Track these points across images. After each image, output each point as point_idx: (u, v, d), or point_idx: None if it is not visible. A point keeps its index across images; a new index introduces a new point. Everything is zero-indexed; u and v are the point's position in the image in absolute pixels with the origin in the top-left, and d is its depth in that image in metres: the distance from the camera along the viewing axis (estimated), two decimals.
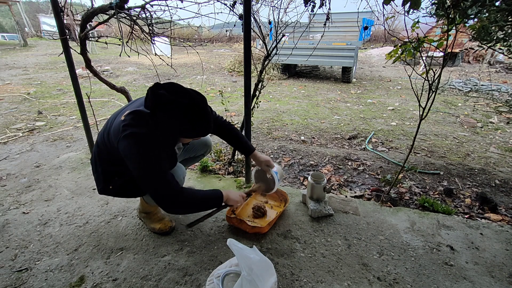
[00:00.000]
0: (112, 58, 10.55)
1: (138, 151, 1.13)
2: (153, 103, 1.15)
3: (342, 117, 4.37)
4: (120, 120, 1.19)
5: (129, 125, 1.15)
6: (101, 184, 1.41)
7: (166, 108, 1.14)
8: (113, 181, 1.38)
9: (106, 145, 1.30)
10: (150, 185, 1.16)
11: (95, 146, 1.42)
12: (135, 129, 1.14)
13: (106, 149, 1.31)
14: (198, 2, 2.00)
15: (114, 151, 1.24)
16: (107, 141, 1.28)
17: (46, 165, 2.49)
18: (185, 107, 1.14)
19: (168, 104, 1.13)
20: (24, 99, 4.88)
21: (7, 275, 1.35)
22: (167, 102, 1.13)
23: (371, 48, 14.35)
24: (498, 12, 1.49)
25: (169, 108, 1.13)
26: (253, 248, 1.20)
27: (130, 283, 1.31)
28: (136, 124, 1.15)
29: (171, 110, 1.14)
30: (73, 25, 2.67)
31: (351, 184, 2.33)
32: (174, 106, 1.13)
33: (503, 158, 2.92)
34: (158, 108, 1.15)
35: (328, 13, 2.01)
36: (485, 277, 1.35)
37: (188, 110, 1.14)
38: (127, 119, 1.17)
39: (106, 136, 1.29)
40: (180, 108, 1.13)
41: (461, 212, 1.93)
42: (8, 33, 17.52)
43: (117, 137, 1.17)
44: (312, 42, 7.02)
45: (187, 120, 1.16)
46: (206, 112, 1.20)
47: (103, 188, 1.41)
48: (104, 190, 1.41)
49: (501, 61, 9.31)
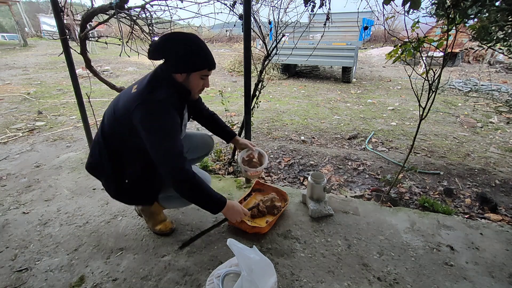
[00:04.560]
0: (112, 58, 10.55)
1: (155, 120, 1.15)
2: (156, 47, 1.19)
3: (342, 117, 4.37)
4: (133, 93, 1.21)
5: (148, 92, 1.17)
6: (113, 185, 1.36)
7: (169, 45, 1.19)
8: (126, 175, 1.34)
9: (114, 128, 1.28)
10: (165, 155, 1.16)
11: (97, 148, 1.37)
12: (154, 97, 1.16)
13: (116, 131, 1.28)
14: (198, 2, 2.00)
15: (125, 128, 1.23)
16: (117, 119, 1.25)
17: (46, 165, 2.49)
18: (185, 38, 1.20)
19: (169, 41, 1.19)
20: (24, 99, 4.88)
21: (7, 275, 1.35)
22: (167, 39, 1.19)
23: (371, 48, 14.35)
24: (498, 12, 1.49)
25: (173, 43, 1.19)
26: (253, 248, 1.20)
27: (130, 283, 1.31)
28: (154, 90, 1.18)
29: (175, 44, 1.19)
30: (73, 25, 2.67)
31: (351, 184, 2.33)
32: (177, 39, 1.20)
33: (503, 158, 2.92)
34: (161, 49, 1.19)
35: (328, 13, 2.01)
36: (485, 277, 1.34)
37: (188, 40, 1.20)
38: (144, 88, 1.19)
39: (114, 116, 1.27)
40: (181, 40, 1.19)
41: (461, 212, 1.93)
42: (8, 33, 17.48)
43: (133, 108, 1.16)
44: (312, 42, 7.02)
45: (190, 49, 1.19)
46: (203, 43, 1.24)
47: (116, 189, 1.37)
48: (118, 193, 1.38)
49: (501, 61, 9.31)
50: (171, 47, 1.19)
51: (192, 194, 1.24)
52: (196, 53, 1.20)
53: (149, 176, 1.37)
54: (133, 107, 1.16)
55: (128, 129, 1.22)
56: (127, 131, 1.24)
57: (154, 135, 1.16)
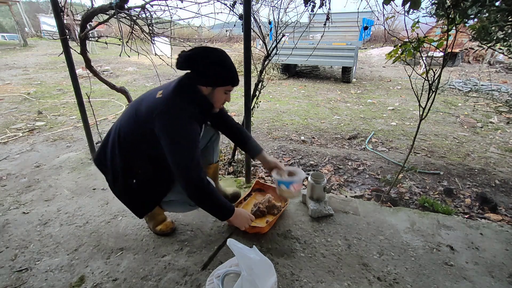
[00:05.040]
0: (112, 58, 10.55)
1: (178, 129, 1.19)
2: (186, 59, 1.22)
3: (342, 117, 4.37)
4: (158, 98, 1.23)
5: (172, 101, 1.21)
6: (120, 183, 1.36)
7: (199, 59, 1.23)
8: (136, 175, 1.35)
9: (133, 129, 1.29)
10: (184, 164, 1.19)
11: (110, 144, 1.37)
12: (178, 106, 1.20)
13: (134, 132, 1.29)
14: (198, 2, 2.00)
15: (143, 131, 1.25)
16: (138, 121, 1.27)
17: (46, 165, 2.49)
18: (215, 53, 1.24)
19: (199, 55, 1.23)
20: (24, 99, 4.88)
21: (7, 275, 1.35)
22: (198, 53, 1.23)
23: (371, 48, 14.35)
24: (498, 12, 1.49)
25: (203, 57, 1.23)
26: (253, 248, 1.20)
27: (130, 283, 1.31)
28: (178, 99, 1.22)
29: (205, 58, 1.23)
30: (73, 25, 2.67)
31: (351, 184, 2.33)
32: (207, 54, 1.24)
33: (503, 158, 2.92)
34: (191, 61, 1.23)
35: (328, 13, 2.01)
36: (485, 277, 1.35)
37: (217, 57, 1.25)
38: (169, 95, 1.22)
39: (135, 117, 1.29)
40: (211, 55, 1.24)
41: (461, 212, 1.93)
42: (8, 33, 17.48)
43: (155, 114, 1.19)
44: (312, 42, 7.02)
45: (218, 65, 1.24)
46: (231, 60, 1.29)
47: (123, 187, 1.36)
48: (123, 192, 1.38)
49: (501, 61, 9.31)
50: (201, 61, 1.23)
51: (203, 201, 1.29)
52: (224, 69, 1.26)
53: (158, 180, 1.39)
54: (156, 112, 1.20)
55: (147, 132, 1.25)
56: (145, 134, 1.26)
57: (174, 143, 1.20)
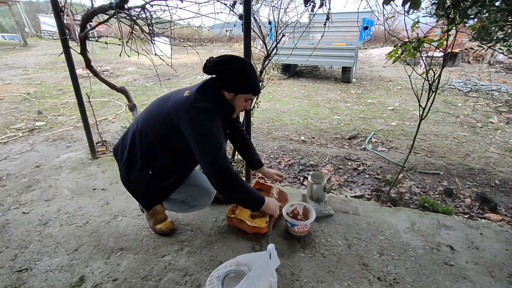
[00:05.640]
0: (112, 58, 10.55)
1: (206, 122, 1.24)
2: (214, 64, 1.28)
3: (342, 117, 4.37)
4: (185, 96, 1.29)
5: (198, 99, 1.26)
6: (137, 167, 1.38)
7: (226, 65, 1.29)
8: (152, 167, 1.39)
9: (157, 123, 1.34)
10: (214, 157, 1.23)
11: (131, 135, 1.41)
12: (204, 104, 1.25)
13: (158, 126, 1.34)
14: (198, 2, 1.99)
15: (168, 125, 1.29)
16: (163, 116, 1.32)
17: (46, 165, 2.49)
18: (240, 63, 1.31)
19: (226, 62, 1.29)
20: (24, 99, 4.88)
21: (7, 275, 1.35)
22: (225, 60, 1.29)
23: (371, 48, 14.34)
24: (498, 12, 1.49)
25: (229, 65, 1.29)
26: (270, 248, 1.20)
27: (130, 283, 1.31)
28: (204, 98, 1.27)
29: (232, 66, 1.29)
30: (73, 25, 2.67)
31: (351, 184, 2.33)
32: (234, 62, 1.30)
33: (503, 158, 2.92)
34: (218, 67, 1.29)
35: (328, 13, 2.01)
36: (485, 277, 1.35)
37: (242, 66, 1.31)
38: (195, 94, 1.28)
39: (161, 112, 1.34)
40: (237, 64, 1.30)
41: (461, 212, 1.93)
42: (8, 33, 17.48)
43: (182, 109, 1.25)
44: (312, 42, 7.02)
45: (243, 73, 1.31)
46: (254, 70, 1.36)
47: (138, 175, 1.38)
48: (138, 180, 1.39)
49: (501, 61, 9.31)
50: (227, 68, 1.29)
51: (236, 192, 1.30)
52: (248, 78, 1.32)
53: (173, 174, 1.41)
54: (184, 108, 1.26)
55: (171, 127, 1.29)
56: (169, 129, 1.31)
57: (202, 135, 1.24)
